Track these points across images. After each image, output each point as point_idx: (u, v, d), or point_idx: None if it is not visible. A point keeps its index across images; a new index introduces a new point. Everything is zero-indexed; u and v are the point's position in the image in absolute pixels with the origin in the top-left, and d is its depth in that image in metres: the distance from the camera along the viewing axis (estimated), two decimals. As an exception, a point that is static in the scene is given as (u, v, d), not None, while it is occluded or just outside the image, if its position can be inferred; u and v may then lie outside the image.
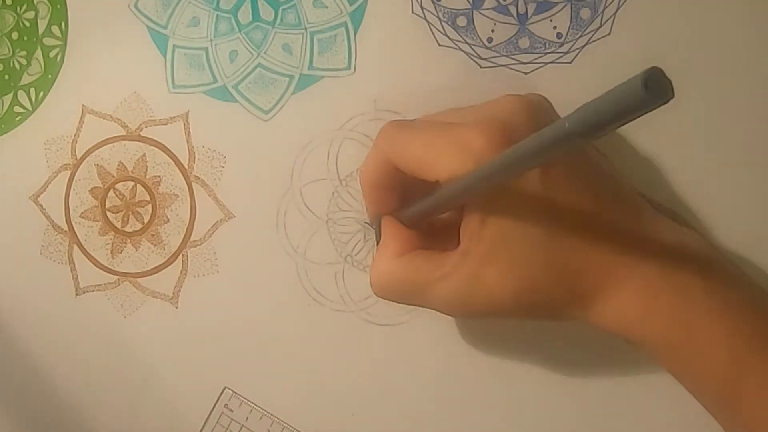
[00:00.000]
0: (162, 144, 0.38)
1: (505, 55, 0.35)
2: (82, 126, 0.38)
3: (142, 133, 0.38)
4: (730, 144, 0.34)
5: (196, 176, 0.38)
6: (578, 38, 0.34)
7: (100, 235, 0.39)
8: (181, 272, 0.39)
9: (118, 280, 0.39)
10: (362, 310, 0.37)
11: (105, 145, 0.39)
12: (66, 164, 0.39)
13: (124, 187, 0.39)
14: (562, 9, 0.34)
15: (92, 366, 0.40)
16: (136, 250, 0.39)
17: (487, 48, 0.35)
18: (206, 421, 0.39)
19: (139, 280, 0.39)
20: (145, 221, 0.39)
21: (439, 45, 0.35)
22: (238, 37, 0.37)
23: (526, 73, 0.35)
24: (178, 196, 0.38)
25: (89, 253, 0.39)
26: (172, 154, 0.38)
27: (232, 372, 0.39)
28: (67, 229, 0.39)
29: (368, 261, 0.37)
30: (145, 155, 0.38)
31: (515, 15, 0.35)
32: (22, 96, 0.39)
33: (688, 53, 0.34)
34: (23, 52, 0.38)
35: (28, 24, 0.38)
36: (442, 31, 0.35)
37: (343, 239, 0.37)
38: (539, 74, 0.35)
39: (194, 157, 0.38)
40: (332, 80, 0.36)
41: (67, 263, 0.40)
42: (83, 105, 0.38)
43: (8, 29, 0.38)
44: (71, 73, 0.38)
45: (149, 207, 0.39)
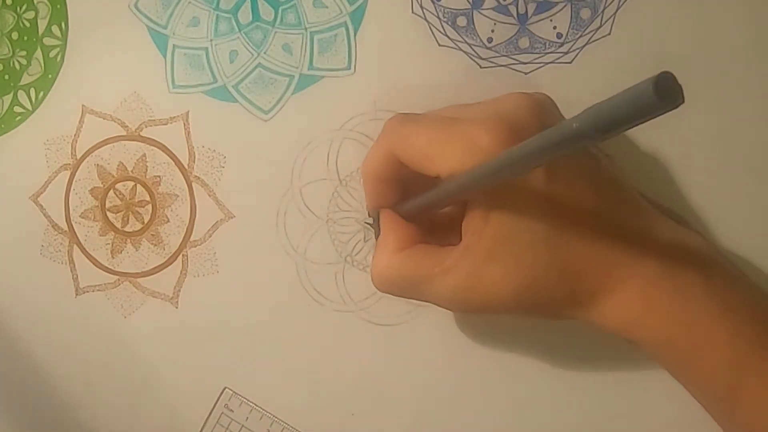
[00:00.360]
0: (162, 144, 0.38)
1: (505, 55, 0.35)
2: (82, 126, 0.38)
3: (142, 133, 0.38)
4: (730, 144, 0.34)
5: (196, 176, 0.38)
6: (578, 38, 0.34)
7: (100, 235, 0.39)
8: (181, 272, 0.39)
9: (118, 280, 0.39)
10: (362, 310, 0.37)
11: (105, 145, 0.39)
12: (66, 164, 0.39)
13: (124, 187, 0.39)
14: (562, 9, 0.34)
15: (92, 366, 0.40)
16: (136, 250, 0.39)
17: (487, 48, 0.35)
18: (206, 421, 0.39)
19: (139, 280, 0.39)
20: (145, 221, 0.39)
21: (439, 45, 0.35)
22: (238, 37, 0.37)
23: (526, 73, 0.35)
24: (178, 196, 0.38)
25: (89, 253, 0.39)
26: (172, 154, 0.38)
27: (232, 372, 0.39)
28: (67, 229, 0.39)
29: (368, 261, 0.37)
30: (145, 155, 0.38)
31: (515, 15, 0.35)
32: (22, 96, 0.39)
33: (688, 53, 0.34)
34: (23, 52, 0.38)
35: (28, 24, 0.38)
36: (442, 31, 0.35)
37: (343, 239, 0.37)
38: (539, 74, 0.35)
39: (194, 157, 0.38)
40: (332, 80, 0.36)
41: (67, 263, 0.39)
42: (83, 105, 0.38)
43: (8, 29, 0.38)
44: (71, 73, 0.38)
45: (149, 207, 0.39)
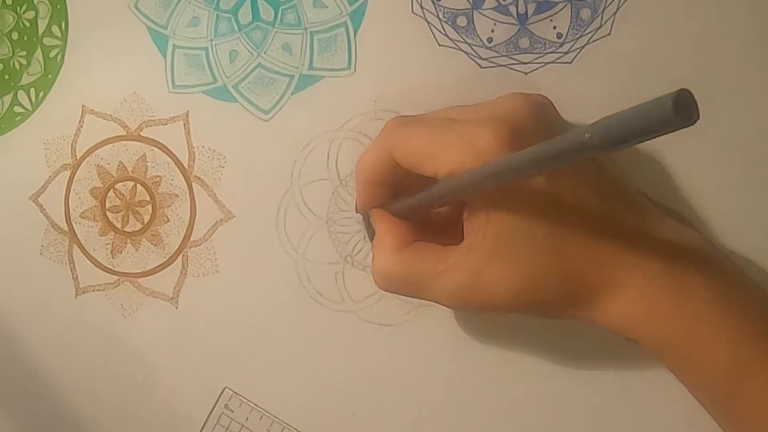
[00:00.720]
0: (162, 144, 0.38)
1: (505, 55, 0.35)
2: (82, 126, 0.38)
3: (142, 133, 0.38)
4: (730, 144, 0.34)
5: (196, 176, 0.38)
6: (578, 38, 0.34)
7: (100, 235, 0.39)
8: (181, 272, 0.39)
9: (118, 280, 0.39)
10: (362, 310, 0.37)
11: (105, 145, 0.38)
12: (66, 164, 0.39)
13: (124, 187, 0.39)
14: (562, 9, 0.34)
15: (92, 366, 0.40)
16: (136, 250, 0.39)
17: (487, 48, 0.35)
18: (206, 421, 0.39)
19: (139, 280, 0.39)
20: (145, 221, 0.39)
21: (439, 45, 0.35)
22: (238, 37, 0.37)
23: (526, 73, 0.35)
24: (178, 196, 0.38)
25: (89, 253, 0.39)
26: (172, 154, 0.38)
27: (232, 372, 0.39)
28: (67, 229, 0.39)
29: (368, 261, 0.37)
30: (145, 155, 0.38)
31: (515, 15, 0.35)
32: (22, 96, 0.39)
33: (687, 53, 0.34)
34: (23, 52, 0.38)
35: (28, 24, 0.38)
36: (442, 31, 0.35)
37: (343, 239, 0.37)
38: (539, 74, 0.35)
39: (194, 157, 0.38)
40: (332, 80, 0.36)
41: (67, 263, 0.39)
42: (83, 105, 0.38)
43: (8, 29, 0.38)
44: (71, 73, 0.38)
45: (149, 207, 0.39)
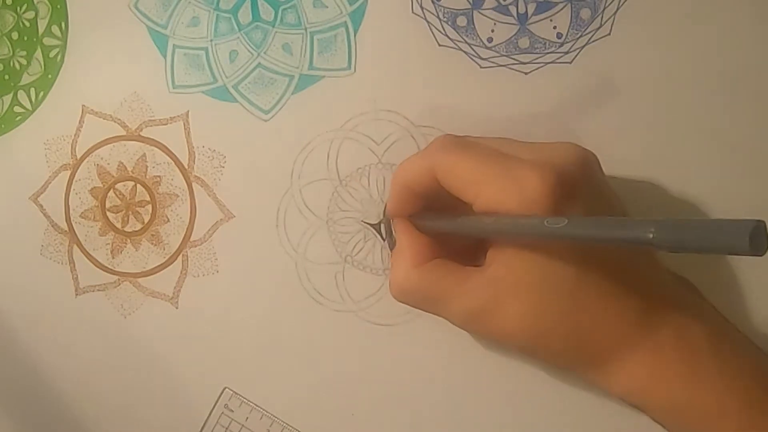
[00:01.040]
0: (162, 144, 0.38)
1: (505, 55, 0.35)
2: (82, 126, 0.38)
3: (142, 133, 0.38)
4: (730, 144, 0.34)
5: (196, 176, 0.38)
6: (578, 38, 0.34)
7: (100, 235, 0.39)
8: (181, 272, 0.39)
9: (118, 280, 0.39)
10: (362, 310, 0.37)
11: (105, 145, 0.39)
12: (66, 164, 0.39)
13: (124, 187, 0.39)
14: (562, 9, 0.34)
15: (92, 366, 0.40)
16: (136, 250, 0.39)
17: (487, 48, 0.35)
18: (206, 421, 0.39)
19: (139, 280, 0.39)
20: (145, 221, 0.39)
21: (439, 45, 0.35)
22: (238, 37, 0.37)
23: (526, 73, 0.35)
24: (178, 196, 0.38)
25: (89, 253, 0.39)
26: (172, 154, 0.38)
27: (232, 372, 0.39)
28: (67, 229, 0.39)
29: (368, 261, 0.37)
30: (145, 155, 0.38)
31: (515, 15, 0.35)
32: (22, 96, 0.39)
33: (687, 53, 0.34)
34: (23, 52, 0.38)
35: (28, 24, 0.38)
36: (442, 31, 0.35)
37: (343, 239, 0.37)
38: (539, 74, 0.35)
39: (194, 157, 0.38)
40: (332, 80, 0.36)
41: (67, 263, 0.39)
42: (83, 105, 0.38)
43: (8, 29, 0.38)
44: (71, 73, 0.38)
45: (149, 207, 0.39)
